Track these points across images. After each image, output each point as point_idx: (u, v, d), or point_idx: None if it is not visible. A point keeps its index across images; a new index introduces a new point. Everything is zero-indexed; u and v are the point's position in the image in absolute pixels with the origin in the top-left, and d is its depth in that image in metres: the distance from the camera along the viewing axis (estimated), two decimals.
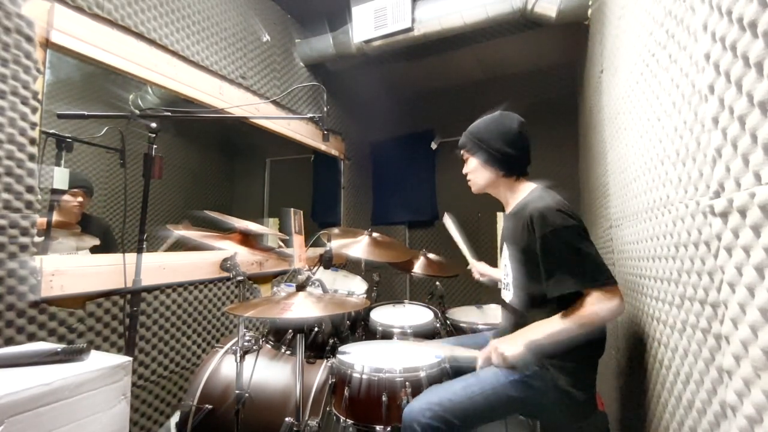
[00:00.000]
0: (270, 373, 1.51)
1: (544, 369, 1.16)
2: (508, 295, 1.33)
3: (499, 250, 1.46)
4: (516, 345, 1.15)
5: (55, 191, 1.61)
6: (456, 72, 3.54)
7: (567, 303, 1.13)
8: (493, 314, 2.06)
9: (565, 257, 1.10)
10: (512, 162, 1.32)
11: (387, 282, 3.90)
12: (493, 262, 1.75)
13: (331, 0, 2.74)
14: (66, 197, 1.98)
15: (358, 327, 1.90)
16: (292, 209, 1.34)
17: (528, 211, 1.19)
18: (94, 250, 1.88)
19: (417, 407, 1.10)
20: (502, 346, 1.17)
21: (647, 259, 1.10)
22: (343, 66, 3.17)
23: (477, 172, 1.37)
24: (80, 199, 2.01)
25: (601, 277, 1.09)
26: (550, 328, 1.13)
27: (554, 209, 1.15)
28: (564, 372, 1.15)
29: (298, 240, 1.48)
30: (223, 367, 1.55)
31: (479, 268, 1.85)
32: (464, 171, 1.43)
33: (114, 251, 2.06)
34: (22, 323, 1.36)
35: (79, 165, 2.75)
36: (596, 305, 1.08)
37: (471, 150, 1.37)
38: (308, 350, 1.59)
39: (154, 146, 1.43)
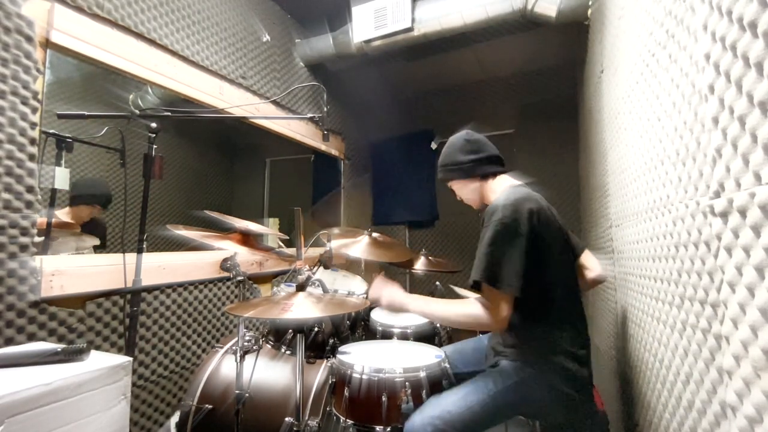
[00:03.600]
0: (270, 373, 1.51)
1: (537, 370, 1.16)
2: None
3: None
4: (393, 303, 1.33)
5: (73, 199, 1.63)
6: (456, 72, 3.54)
7: (528, 309, 1.16)
8: None
9: (483, 245, 1.15)
10: (478, 165, 1.37)
11: None
12: None
13: (331, 0, 2.74)
14: (81, 207, 2.02)
15: (358, 327, 1.89)
16: (299, 208, 1.35)
17: (486, 210, 1.24)
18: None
19: (418, 423, 1.11)
20: (384, 298, 1.35)
21: (647, 259, 1.10)
22: (343, 66, 3.17)
23: (464, 191, 1.43)
24: (95, 213, 2.09)
25: (498, 281, 1.11)
26: (429, 307, 1.28)
27: (501, 206, 1.17)
28: (554, 371, 1.15)
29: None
30: (223, 367, 1.55)
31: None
32: (458, 198, 1.49)
33: (104, 249, 2.09)
34: (22, 323, 1.36)
35: (79, 165, 2.75)
36: (478, 308, 1.16)
37: (448, 177, 1.44)
38: (308, 350, 1.59)
39: (154, 146, 1.43)
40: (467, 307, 1.20)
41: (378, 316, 1.98)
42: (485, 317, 1.15)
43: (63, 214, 1.98)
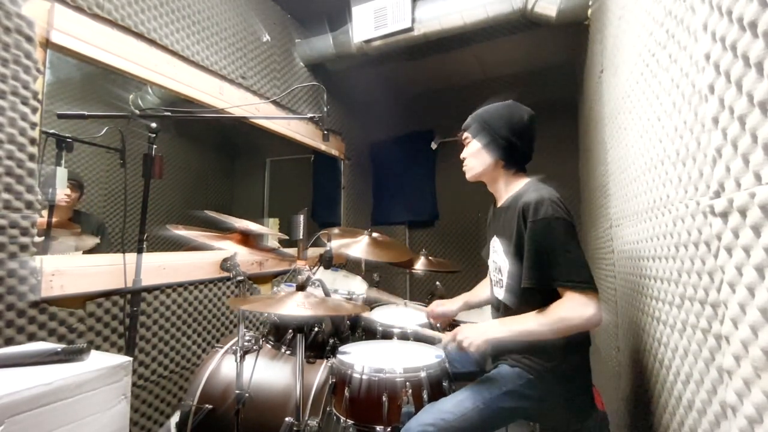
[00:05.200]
0: (270, 373, 1.51)
1: (538, 378, 1.15)
2: (500, 292, 1.29)
3: (487, 247, 1.41)
4: (479, 338, 1.13)
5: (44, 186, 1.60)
6: (456, 72, 3.54)
7: (553, 300, 1.10)
8: None
9: (549, 248, 1.07)
10: (515, 153, 1.27)
11: (387, 282, 3.90)
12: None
13: (331, 0, 2.74)
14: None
15: (358, 327, 1.89)
16: (306, 209, 1.34)
17: (521, 202, 1.15)
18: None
19: (414, 429, 1.09)
20: (465, 338, 1.14)
21: (647, 259, 1.10)
22: (343, 66, 3.17)
23: (476, 157, 1.30)
24: (68, 192, 1.95)
25: (581, 279, 1.05)
26: (520, 326, 1.12)
27: (548, 200, 1.11)
28: (558, 379, 1.14)
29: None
30: (223, 367, 1.55)
31: (435, 311, 1.64)
32: (462, 155, 1.35)
33: (106, 249, 2.06)
34: (22, 323, 1.36)
35: (79, 165, 2.75)
36: (569, 310, 1.05)
37: (474, 132, 1.30)
38: (308, 350, 1.59)
39: (154, 146, 1.43)
40: (556, 314, 1.07)
41: (378, 316, 1.98)
42: (582, 314, 1.04)
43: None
